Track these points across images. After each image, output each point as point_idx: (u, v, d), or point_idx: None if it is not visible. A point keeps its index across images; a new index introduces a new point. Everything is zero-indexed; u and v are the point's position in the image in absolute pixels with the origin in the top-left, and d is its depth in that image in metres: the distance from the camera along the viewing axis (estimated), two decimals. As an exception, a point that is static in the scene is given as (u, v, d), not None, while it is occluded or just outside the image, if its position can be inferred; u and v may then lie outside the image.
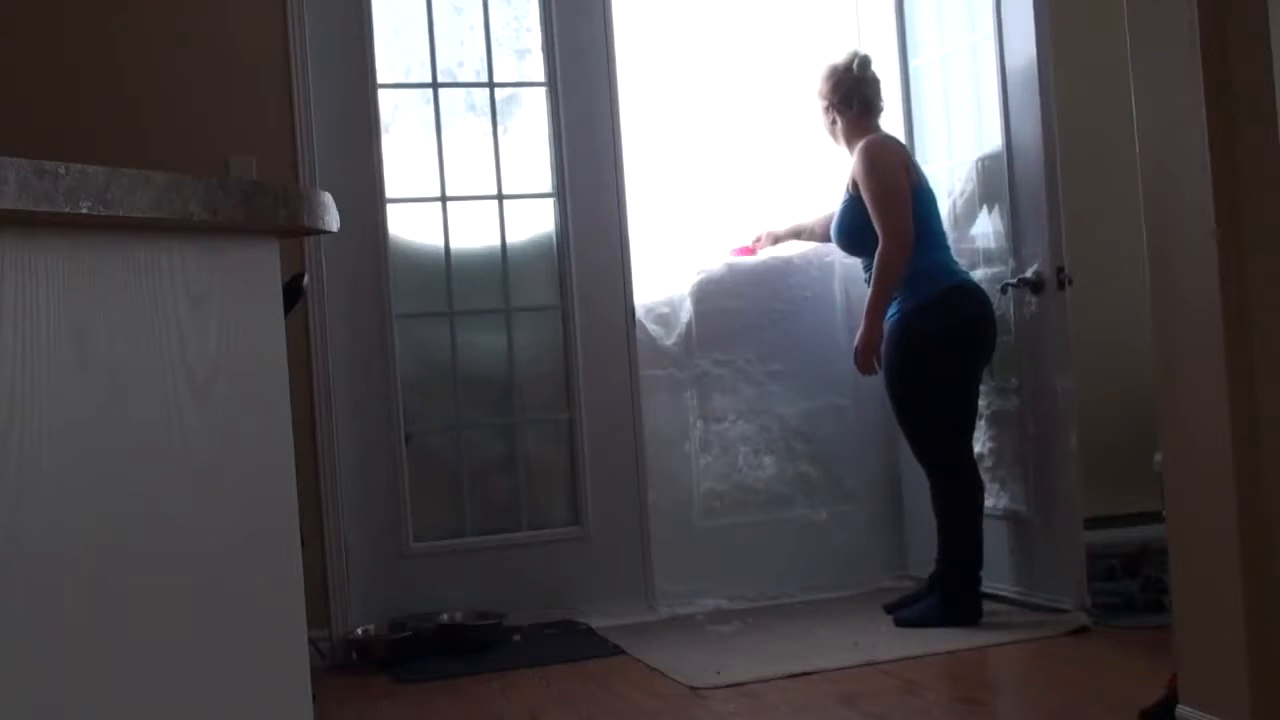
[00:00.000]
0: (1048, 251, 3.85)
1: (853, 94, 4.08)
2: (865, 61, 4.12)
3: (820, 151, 4.72)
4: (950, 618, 3.82)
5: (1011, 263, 4.00)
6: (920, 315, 3.90)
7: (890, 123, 4.49)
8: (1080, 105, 4.09)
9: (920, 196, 3.98)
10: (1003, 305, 4.01)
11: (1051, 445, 3.89)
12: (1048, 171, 3.84)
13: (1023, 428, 4.01)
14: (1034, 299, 3.91)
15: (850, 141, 4.10)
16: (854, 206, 4.02)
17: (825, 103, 4.14)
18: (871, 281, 3.95)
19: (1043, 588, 3.91)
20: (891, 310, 3.95)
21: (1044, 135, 3.84)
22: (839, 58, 4.15)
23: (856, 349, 4.00)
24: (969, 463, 3.96)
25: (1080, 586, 3.82)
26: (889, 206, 3.91)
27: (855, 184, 4.03)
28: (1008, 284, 4.00)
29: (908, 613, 3.95)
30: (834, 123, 4.15)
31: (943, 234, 4.06)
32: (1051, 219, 3.84)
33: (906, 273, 3.90)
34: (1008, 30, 3.96)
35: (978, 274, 4.17)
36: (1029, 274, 3.91)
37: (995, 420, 4.12)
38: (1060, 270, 3.83)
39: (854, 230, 4.04)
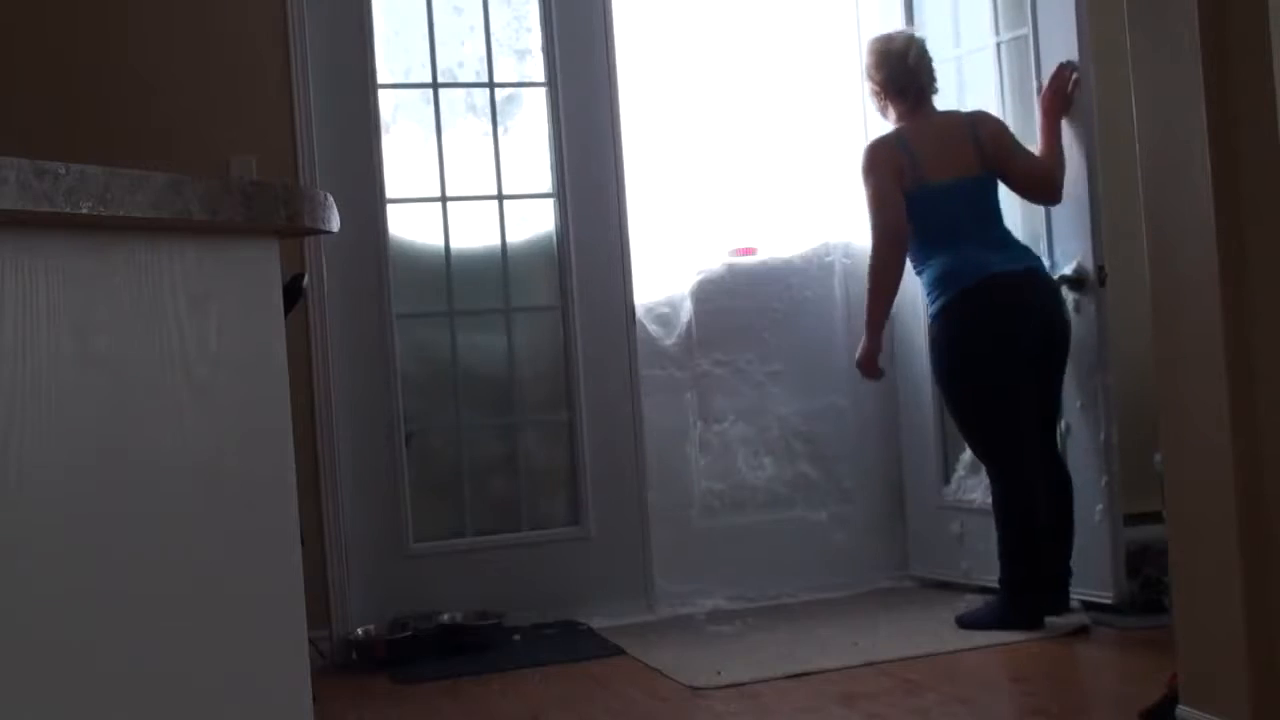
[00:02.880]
0: (1090, 248, 3.85)
1: (909, 84, 3.98)
2: (921, 49, 4.01)
3: (820, 151, 4.72)
4: (1005, 621, 3.73)
5: (1047, 261, 3.99)
6: (938, 322, 3.86)
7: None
8: (1113, 103, 4.02)
9: (924, 197, 3.86)
10: None
11: (1091, 441, 3.89)
12: (1089, 170, 3.83)
13: (1062, 424, 4.00)
14: (1072, 296, 3.90)
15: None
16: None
17: (875, 87, 4.04)
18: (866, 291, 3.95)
19: (1086, 583, 3.88)
20: (929, 313, 3.95)
21: (1084, 133, 3.83)
22: (894, 41, 4.03)
23: (856, 361, 4.00)
24: (1024, 465, 3.79)
25: (1121, 579, 3.81)
26: (871, 210, 3.90)
27: None
28: None
29: (968, 614, 3.86)
30: (886, 109, 4.06)
31: (965, 231, 3.87)
32: (1093, 216, 3.84)
33: (927, 277, 3.87)
34: (1043, 29, 3.94)
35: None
36: (1069, 271, 3.90)
37: None
38: (1101, 268, 3.83)
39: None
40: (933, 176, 3.87)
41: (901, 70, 3.97)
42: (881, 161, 3.91)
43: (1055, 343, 3.85)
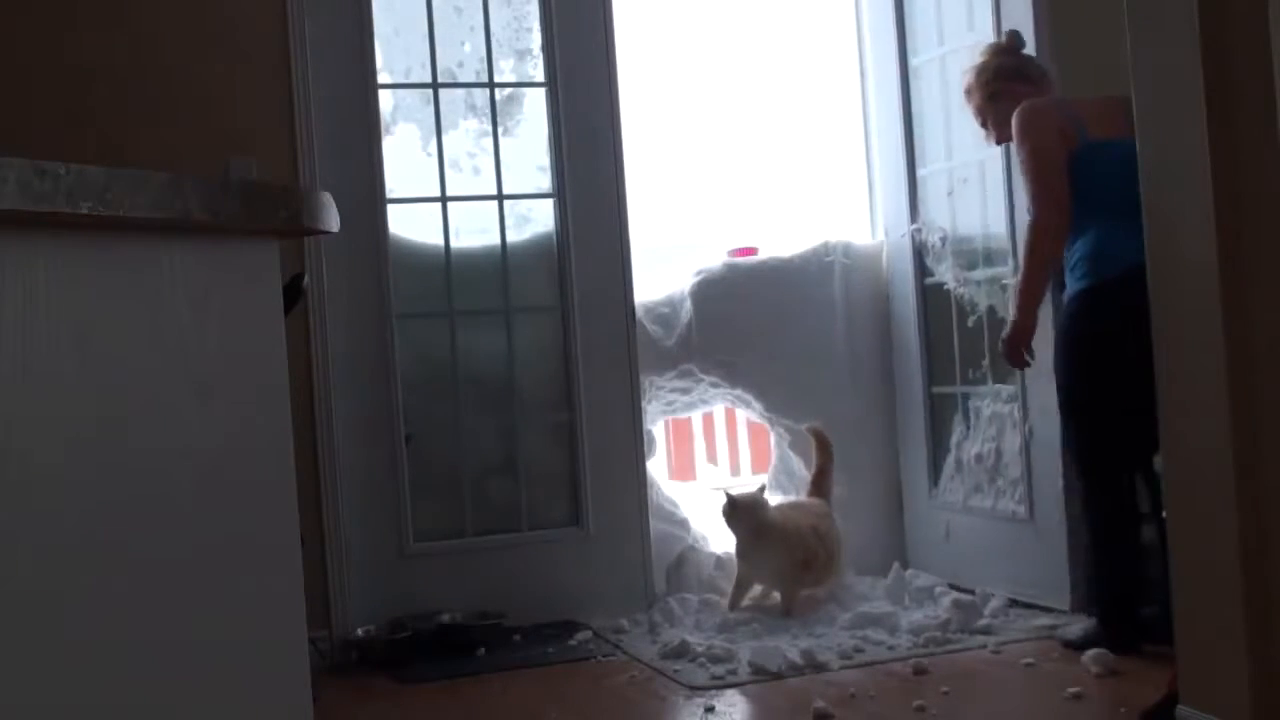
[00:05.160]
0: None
1: (1027, 65, 3.71)
2: (1009, 47, 3.74)
3: (820, 151, 4.72)
4: (1103, 640, 3.44)
5: (1012, 262, 3.99)
6: (1079, 304, 3.48)
7: (890, 122, 4.49)
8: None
9: (1087, 155, 3.47)
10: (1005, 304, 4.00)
11: (1046, 446, 3.88)
12: None
13: (1021, 428, 4.01)
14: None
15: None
16: None
17: (996, 87, 3.71)
18: (1021, 265, 3.55)
19: (1041, 589, 3.91)
20: (1067, 291, 3.55)
21: None
22: (993, 43, 3.80)
23: (1004, 339, 3.60)
24: (1120, 485, 3.50)
25: (1076, 588, 3.81)
26: (1031, 174, 3.51)
27: None
28: (1006, 283, 3.98)
29: (1072, 633, 3.58)
30: (1004, 119, 3.67)
31: (1131, 200, 3.35)
32: None
33: (1079, 250, 3.49)
34: (1008, 28, 3.94)
35: (977, 274, 4.16)
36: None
37: (994, 421, 4.13)
38: (1059, 272, 3.81)
39: None
40: (1094, 134, 3.50)
41: (1017, 56, 3.74)
42: (1042, 121, 3.54)
43: None
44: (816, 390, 4.62)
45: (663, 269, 4.66)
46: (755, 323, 4.60)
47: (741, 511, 4.12)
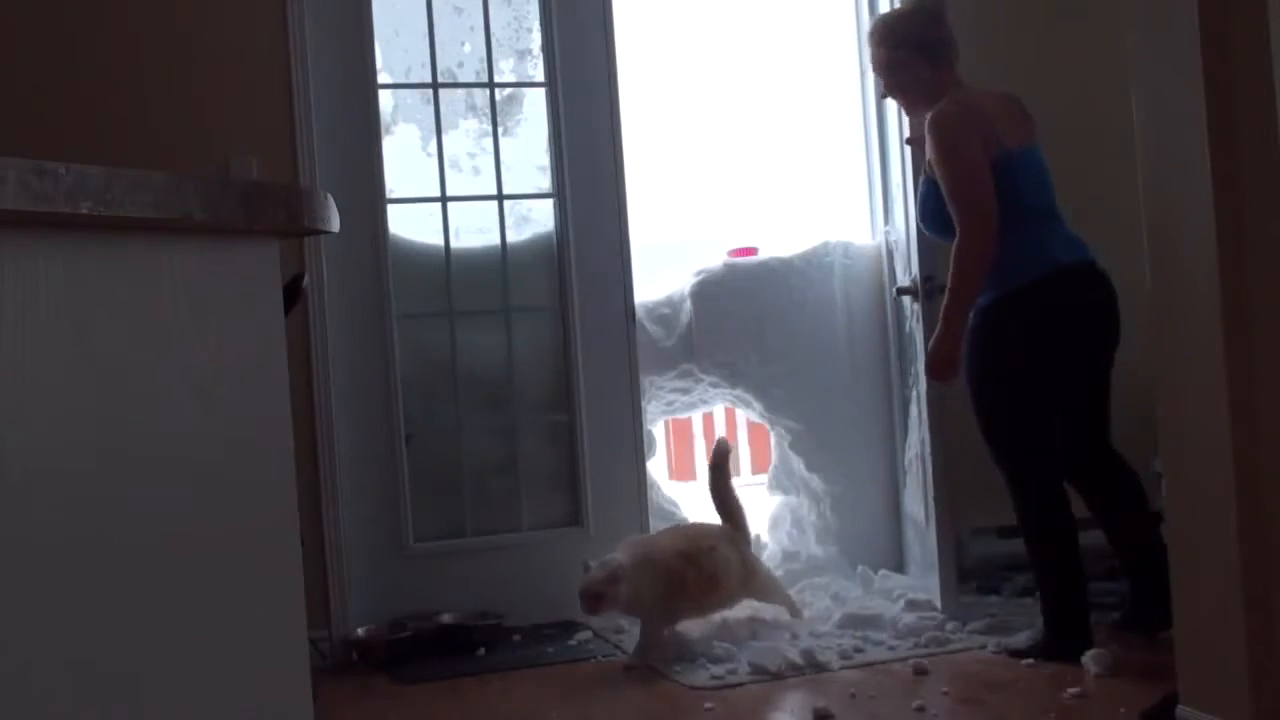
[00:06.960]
0: (919, 259, 3.89)
1: (925, 46, 3.51)
2: (933, 8, 3.54)
3: (820, 151, 4.72)
4: (1048, 650, 3.44)
5: (914, 273, 4.04)
6: (992, 314, 3.43)
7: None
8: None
9: (1009, 167, 3.41)
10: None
11: (929, 451, 3.98)
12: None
13: (917, 433, 4.11)
14: (916, 306, 3.95)
15: (926, 107, 3.52)
16: (935, 188, 3.48)
17: (903, 57, 3.53)
18: (948, 279, 3.43)
19: (932, 592, 4.00)
20: (977, 301, 3.47)
21: None
22: (899, 5, 3.61)
23: (929, 357, 3.51)
24: (1047, 496, 3.46)
25: (950, 591, 3.93)
26: (960, 190, 3.38)
27: (930, 165, 3.49)
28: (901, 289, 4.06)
29: (1018, 642, 3.55)
30: (897, 86, 3.59)
31: (1044, 209, 3.46)
32: (918, 233, 3.87)
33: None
34: None
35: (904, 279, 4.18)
36: (906, 282, 3.92)
37: (915, 427, 4.21)
38: (928, 279, 3.82)
39: (940, 213, 3.48)
40: (1008, 142, 3.44)
41: (934, 31, 3.53)
42: (965, 129, 3.42)
43: (1112, 347, 3.48)
44: (816, 390, 4.62)
45: (663, 269, 4.65)
46: (755, 323, 4.60)
47: (608, 601, 3.63)
